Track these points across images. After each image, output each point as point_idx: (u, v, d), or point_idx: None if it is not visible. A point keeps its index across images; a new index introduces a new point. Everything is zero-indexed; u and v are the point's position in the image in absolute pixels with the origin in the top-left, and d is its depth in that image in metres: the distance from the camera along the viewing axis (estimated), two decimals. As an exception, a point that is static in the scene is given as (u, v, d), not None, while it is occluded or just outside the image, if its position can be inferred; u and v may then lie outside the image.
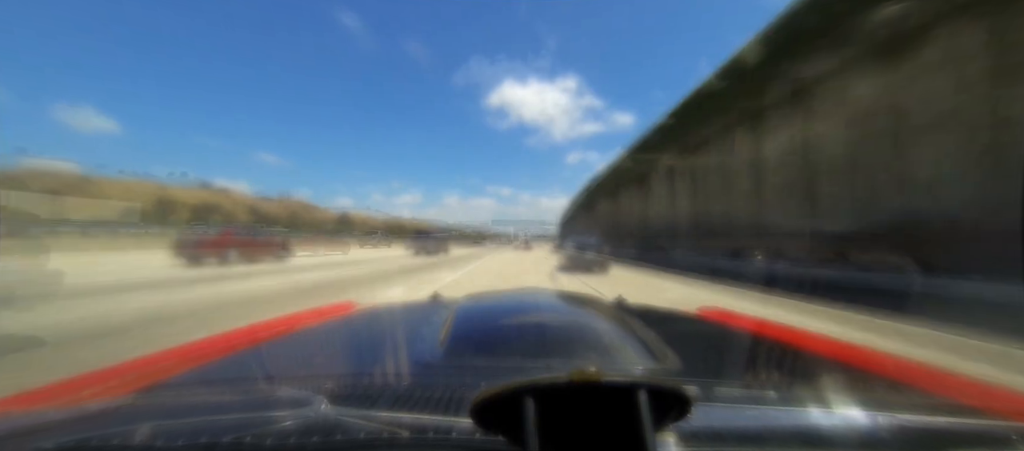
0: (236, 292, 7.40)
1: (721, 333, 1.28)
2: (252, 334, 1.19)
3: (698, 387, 0.68)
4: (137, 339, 4.11)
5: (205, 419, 0.57)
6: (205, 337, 1.17)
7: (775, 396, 0.70)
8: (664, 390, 0.40)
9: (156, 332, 4.44)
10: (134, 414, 0.61)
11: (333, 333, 1.23)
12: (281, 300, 6.63)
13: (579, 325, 1.09)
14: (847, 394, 0.73)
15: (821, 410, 0.60)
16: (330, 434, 0.50)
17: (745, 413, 0.61)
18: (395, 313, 1.57)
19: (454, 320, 1.07)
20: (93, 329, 4.46)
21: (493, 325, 1.10)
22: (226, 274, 10.56)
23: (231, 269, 12.12)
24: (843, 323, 5.18)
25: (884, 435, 0.54)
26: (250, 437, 0.49)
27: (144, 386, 0.78)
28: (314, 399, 0.59)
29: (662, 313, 1.56)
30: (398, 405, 0.60)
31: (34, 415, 0.66)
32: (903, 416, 0.57)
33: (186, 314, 5.40)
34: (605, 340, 0.92)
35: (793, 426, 0.56)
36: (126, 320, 4.94)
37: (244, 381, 0.80)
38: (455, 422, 0.53)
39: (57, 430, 0.56)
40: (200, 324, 4.84)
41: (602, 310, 1.24)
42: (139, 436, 0.50)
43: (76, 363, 3.48)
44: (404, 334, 1.09)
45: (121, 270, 11.08)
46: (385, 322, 1.40)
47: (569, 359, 0.81)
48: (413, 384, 0.71)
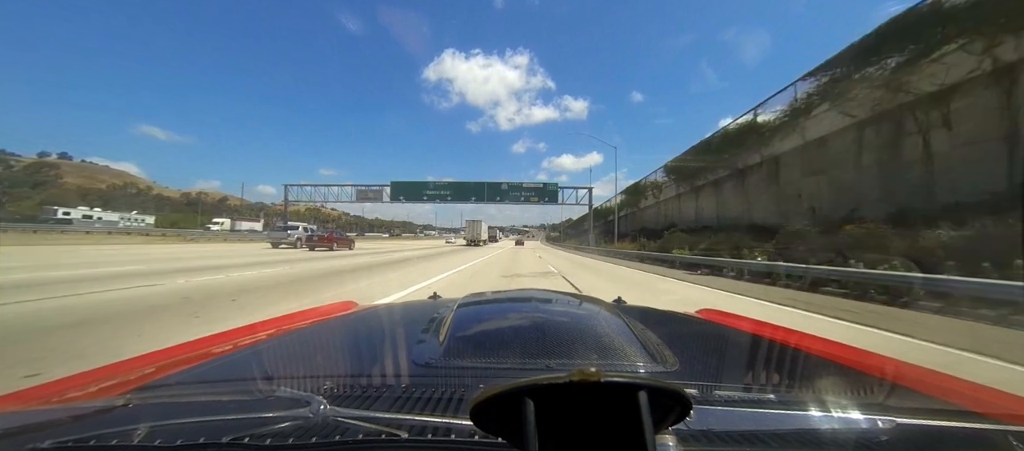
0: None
1: (720, 334, 1.28)
2: (252, 334, 1.19)
3: (698, 388, 0.68)
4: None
5: (204, 419, 0.57)
6: (205, 337, 1.16)
7: (774, 397, 0.71)
8: (664, 391, 0.40)
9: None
10: (132, 414, 0.61)
11: (332, 333, 1.23)
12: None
13: (579, 325, 1.09)
14: (845, 396, 0.73)
15: (820, 412, 0.60)
16: (329, 435, 0.50)
17: (744, 414, 0.61)
18: (394, 313, 1.57)
19: (453, 320, 1.07)
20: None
21: (493, 325, 1.10)
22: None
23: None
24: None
25: (882, 437, 0.54)
26: (248, 438, 0.49)
27: (143, 385, 0.78)
28: (313, 399, 0.59)
29: (662, 314, 1.56)
30: (397, 405, 0.60)
31: (32, 414, 0.66)
32: (901, 418, 0.57)
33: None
34: (605, 340, 0.92)
35: (792, 427, 0.56)
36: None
37: (243, 381, 0.80)
38: (455, 422, 0.53)
39: (55, 430, 0.55)
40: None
41: (602, 310, 1.24)
42: (137, 436, 0.50)
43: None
44: (403, 334, 1.09)
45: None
46: (384, 322, 1.40)
47: (569, 359, 0.81)
48: (412, 384, 0.71)
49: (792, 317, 5.89)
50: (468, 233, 54.40)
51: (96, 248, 17.67)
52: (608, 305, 1.40)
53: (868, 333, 4.79)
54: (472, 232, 53.31)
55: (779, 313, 6.17)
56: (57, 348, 3.14)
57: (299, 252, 19.64)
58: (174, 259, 12.27)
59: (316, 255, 17.30)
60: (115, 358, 0.99)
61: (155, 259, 12.19)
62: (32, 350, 3.07)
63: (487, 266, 14.55)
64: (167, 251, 16.96)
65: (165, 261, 11.50)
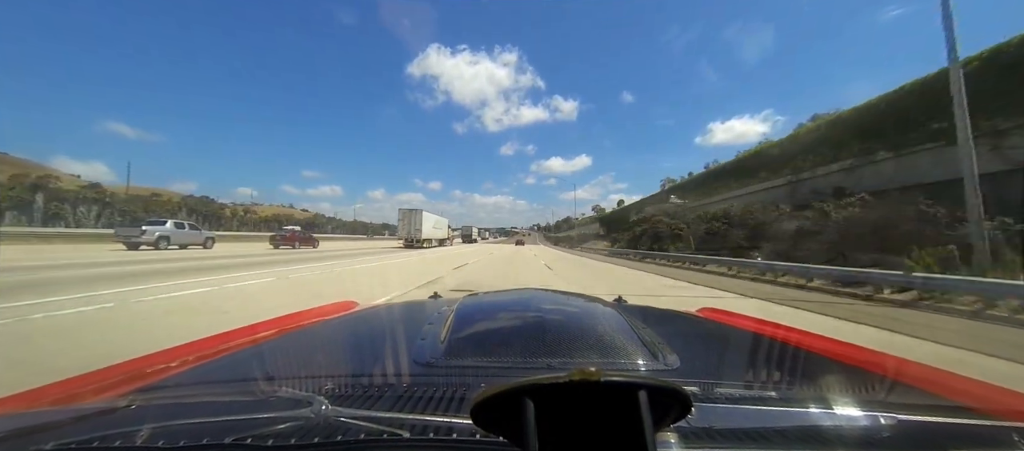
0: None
1: (721, 333, 1.28)
2: (252, 334, 1.19)
3: (698, 387, 0.68)
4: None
5: (206, 420, 0.57)
6: (206, 338, 1.16)
7: (774, 396, 0.71)
8: (664, 390, 0.40)
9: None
10: (135, 415, 0.61)
11: (333, 333, 1.23)
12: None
13: (579, 325, 1.09)
14: (847, 393, 0.73)
15: (820, 409, 0.60)
16: (331, 435, 0.50)
17: (745, 411, 0.61)
18: (395, 313, 1.57)
19: (454, 319, 1.07)
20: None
21: (493, 325, 1.10)
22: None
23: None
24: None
25: (883, 434, 0.54)
26: (251, 438, 0.49)
27: (145, 387, 0.78)
28: (314, 400, 0.59)
29: (662, 312, 1.56)
30: (398, 405, 0.60)
31: (35, 416, 0.66)
32: (902, 416, 0.57)
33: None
34: (605, 340, 0.92)
35: (792, 425, 0.56)
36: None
37: (245, 382, 0.80)
38: (456, 422, 0.53)
39: (58, 431, 0.56)
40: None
41: (602, 310, 1.24)
42: (140, 438, 0.50)
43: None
44: (404, 334, 1.09)
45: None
46: (385, 322, 1.40)
47: (569, 359, 0.81)
48: (413, 384, 0.71)
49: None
50: (404, 228, 35.60)
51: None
52: (608, 304, 1.40)
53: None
54: (408, 227, 35.09)
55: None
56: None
57: (165, 256, 14.49)
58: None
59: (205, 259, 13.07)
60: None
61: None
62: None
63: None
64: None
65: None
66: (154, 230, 18.28)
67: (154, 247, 17.94)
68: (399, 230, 36.98)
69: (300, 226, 42.62)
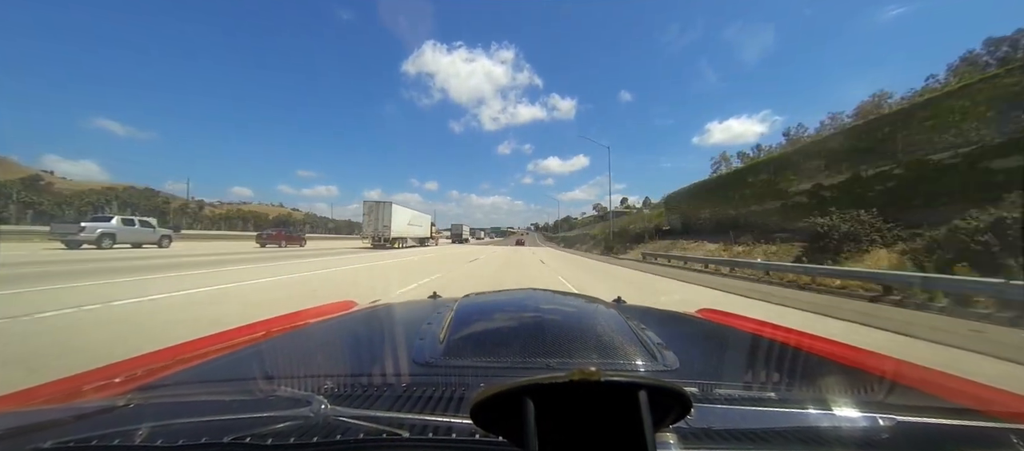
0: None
1: (721, 333, 1.28)
2: (252, 334, 1.19)
3: (698, 387, 0.68)
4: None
5: (205, 419, 0.57)
6: (205, 337, 1.16)
7: (774, 396, 0.71)
8: (664, 390, 0.40)
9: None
10: (134, 414, 0.61)
11: (332, 332, 1.23)
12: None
13: (579, 325, 1.09)
14: (846, 394, 0.73)
15: (820, 410, 0.60)
16: (330, 434, 0.50)
17: (745, 412, 0.61)
18: (394, 312, 1.56)
19: (454, 319, 1.07)
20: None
21: (493, 325, 1.10)
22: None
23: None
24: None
25: (883, 435, 0.54)
26: (250, 437, 0.49)
27: (144, 385, 0.78)
28: (314, 399, 0.59)
29: (662, 313, 1.56)
30: (398, 405, 0.60)
31: (34, 414, 0.66)
32: (901, 417, 0.57)
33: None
34: (605, 340, 0.92)
35: (792, 426, 0.56)
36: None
37: (244, 381, 0.80)
38: (455, 421, 0.53)
39: (57, 430, 0.56)
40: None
41: (602, 310, 1.24)
42: (139, 436, 0.50)
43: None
44: (403, 333, 1.09)
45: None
46: (384, 321, 1.40)
47: (569, 359, 0.81)
48: (413, 384, 0.71)
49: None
50: (369, 224, 30.49)
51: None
52: (608, 304, 1.40)
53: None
54: (375, 223, 30.25)
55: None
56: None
57: (102, 255, 12.61)
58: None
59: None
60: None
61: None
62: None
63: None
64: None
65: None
66: (95, 227, 16.44)
67: (97, 246, 16.11)
68: (364, 227, 31.30)
69: (276, 227, 41.55)
